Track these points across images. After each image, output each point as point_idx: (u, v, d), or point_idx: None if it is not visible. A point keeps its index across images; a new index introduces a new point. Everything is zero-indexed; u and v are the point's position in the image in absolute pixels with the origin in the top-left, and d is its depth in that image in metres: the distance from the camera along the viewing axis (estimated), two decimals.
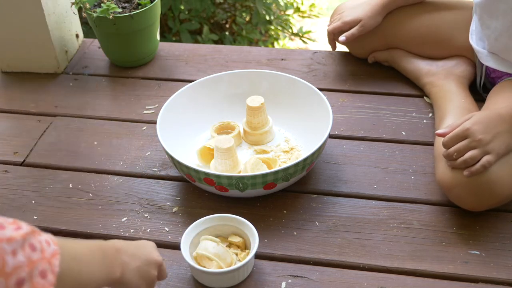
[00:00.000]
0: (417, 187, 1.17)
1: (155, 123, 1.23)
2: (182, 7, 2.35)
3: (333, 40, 1.49)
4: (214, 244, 1.01)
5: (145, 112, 1.42)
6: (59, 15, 1.55)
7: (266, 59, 1.57)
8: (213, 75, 1.34)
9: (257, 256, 1.05)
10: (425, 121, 1.33)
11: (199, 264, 1.01)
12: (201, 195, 1.18)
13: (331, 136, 1.29)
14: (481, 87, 1.34)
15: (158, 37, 1.58)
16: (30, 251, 0.60)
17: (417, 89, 1.42)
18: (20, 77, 1.58)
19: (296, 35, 2.62)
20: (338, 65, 1.53)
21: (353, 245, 1.07)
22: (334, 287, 1.00)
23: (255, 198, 1.16)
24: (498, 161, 1.04)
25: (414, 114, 1.36)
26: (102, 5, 1.48)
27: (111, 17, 1.44)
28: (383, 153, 1.26)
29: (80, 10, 1.59)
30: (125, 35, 1.50)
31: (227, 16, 2.60)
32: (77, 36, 1.65)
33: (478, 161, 1.03)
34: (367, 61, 1.51)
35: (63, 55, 1.58)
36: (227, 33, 2.55)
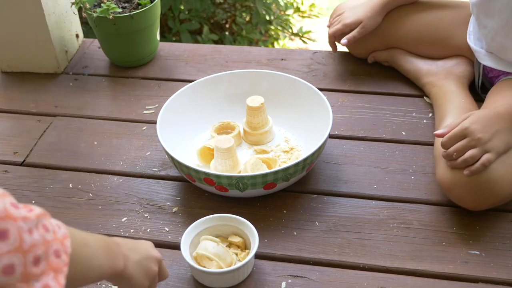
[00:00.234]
0: (417, 187, 1.17)
1: (155, 123, 1.23)
2: (182, 7, 2.35)
3: (334, 42, 1.50)
4: (214, 244, 1.01)
5: (145, 112, 1.42)
6: (59, 15, 1.55)
7: (266, 59, 1.57)
8: (213, 75, 1.34)
9: (257, 256, 1.05)
10: (425, 121, 1.33)
11: (199, 264, 1.01)
12: (201, 195, 1.18)
13: (331, 136, 1.29)
14: (479, 87, 1.34)
15: (158, 37, 1.58)
16: (44, 231, 0.61)
17: (417, 89, 1.42)
18: (20, 77, 1.58)
19: (296, 35, 2.62)
20: (338, 65, 1.53)
21: (353, 245, 1.07)
22: (334, 287, 1.00)
23: (255, 198, 1.16)
24: (497, 160, 1.04)
25: (414, 114, 1.36)
26: (102, 5, 1.48)
27: (111, 17, 1.44)
28: (383, 153, 1.26)
29: (80, 10, 1.59)
30: (125, 35, 1.50)
31: (227, 16, 2.60)
32: (77, 36, 1.65)
33: (478, 160, 1.03)
34: (367, 61, 1.51)
35: (63, 55, 1.58)
36: (227, 33, 2.55)
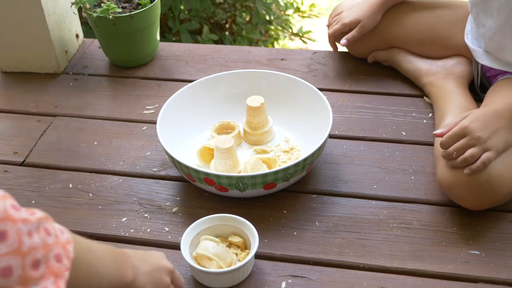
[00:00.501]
0: (417, 187, 1.17)
1: (155, 123, 1.23)
2: (182, 7, 2.35)
3: (334, 42, 1.51)
4: (214, 244, 1.01)
5: (145, 112, 1.42)
6: (59, 15, 1.55)
7: (266, 59, 1.57)
8: (213, 75, 1.34)
9: (257, 256, 1.05)
10: (425, 121, 1.33)
11: (199, 264, 1.01)
12: (201, 195, 1.18)
13: (331, 136, 1.29)
14: (478, 86, 1.34)
15: (158, 37, 1.58)
16: (45, 235, 0.60)
17: (417, 89, 1.42)
18: (20, 77, 1.58)
19: (296, 35, 2.62)
20: (338, 65, 1.53)
21: (353, 245, 1.07)
22: (334, 287, 1.00)
23: (255, 198, 1.16)
24: (497, 159, 1.04)
25: (414, 114, 1.36)
26: (102, 5, 1.48)
27: (111, 17, 1.44)
28: (383, 153, 1.26)
29: (80, 10, 1.59)
30: (125, 35, 1.50)
31: (227, 16, 2.60)
32: (77, 36, 1.65)
33: (477, 159, 1.03)
34: (367, 61, 1.51)
35: (63, 55, 1.58)
36: (227, 33, 2.55)
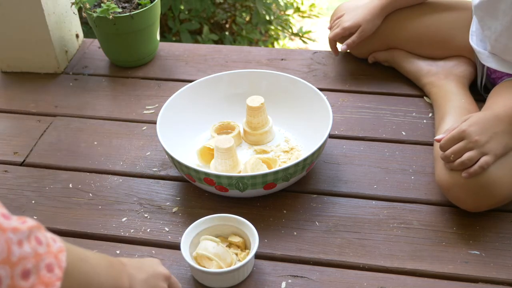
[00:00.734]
0: (417, 187, 1.17)
1: (155, 123, 1.23)
2: (182, 7, 2.35)
3: (335, 46, 1.51)
4: (214, 244, 1.01)
5: (145, 112, 1.42)
6: (59, 15, 1.55)
7: (266, 59, 1.57)
8: (213, 75, 1.34)
9: (257, 256, 1.05)
10: (425, 121, 1.33)
11: (199, 264, 1.01)
12: (201, 195, 1.18)
13: (331, 136, 1.29)
14: (482, 87, 1.34)
15: (158, 37, 1.58)
16: (36, 244, 0.59)
17: (417, 89, 1.42)
18: (20, 77, 1.58)
19: (296, 35, 2.62)
20: (338, 65, 1.53)
21: (353, 245, 1.07)
22: (334, 287, 1.00)
23: (255, 198, 1.16)
24: (496, 162, 1.04)
25: (414, 114, 1.36)
26: (102, 5, 1.48)
27: (111, 17, 1.44)
28: (383, 153, 1.26)
29: (80, 10, 1.59)
30: (125, 35, 1.50)
31: (227, 16, 2.60)
32: (77, 36, 1.65)
33: (476, 162, 1.03)
34: (367, 61, 1.51)
35: (63, 55, 1.58)
36: (227, 33, 2.55)
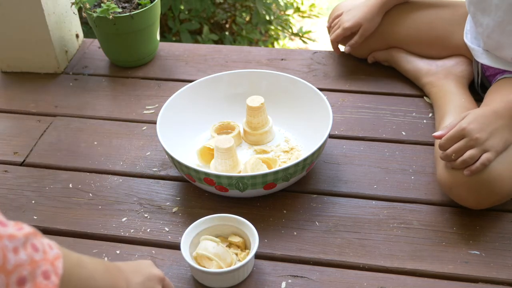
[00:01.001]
0: (417, 187, 1.17)
1: (155, 123, 1.23)
2: (182, 7, 2.35)
3: (337, 47, 1.52)
4: (214, 244, 1.01)
5: (145, 112, 1.42)
6: (59, 15, 1.55)
7: (266, 59, 1.57)
8: (213, 75, 1.34)
9: (257, 256, 1.05)
10: (425, 121, 1.33)
11: (199, 264, 1.01)
12: (201, 195, 1.18)
13: (331, 136, 1.29)
14: (479, 86, 1.35)
15: (158, 37, 1.58)
16: (32, 251, 0.59)
17: (417, 89, 1.42)
18: (20, 77, 1.58)
19: (296, 35, 2.62)
20: (338, 65, 1.53)
21: (353, 245, 1.07)
22: (334, 287, 1.00)
23: (255, 198, 1.16)
24: (497, 159, 1.04)
25: (414, 114, 1.36)
26: (102, 5, 1.48)
27: (111, 17, 1.44)
28: (383, 153, 1.26)
29: (80, 10, 1.59)
30: (125, 35, 1.50)
31: (227, 16, 2.60)
32: (77, 36, 1.65)
33: (477, 160, 1.03)
34: (367, 61, 1.51)
35: (63, 55, 1.58)
36: (227, 33, 2.55)
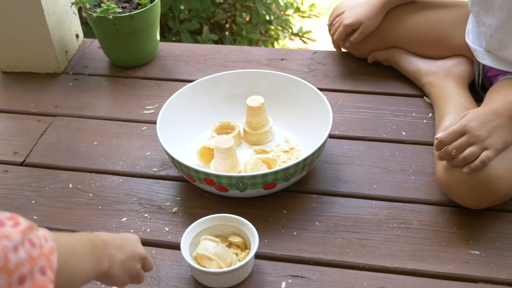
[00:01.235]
0: (417, 187, 1.17)
1: (155, 123, 1.23)
2: (182, 7, 2.35)
3: (339, 47, 1.52)
4: (214, 244, 1.01)
5: (145, 112, 1.42)
6: (59, 15, 1.55)
7: (266, 59, 1.57)
8: (213, 75, 1.34)
9: (257, 256, 1.05)
10: (425, 121, 1.33)
11: (199, 264, 1.01)
12: (201, 195, 1.18)
13: (331, 136, 1.29)
14: (479, 86, 1.35)
15: (158, 37, 1.58)
16: (30, 247, 0.59)
17: (417, 89, 1.42)
18: (20, 77, 1.58)
19: (296, 35, 2.62)
20: (338, 65, 1.53)
21: (353, 245, 1.07)
22: (334, 287, 1.00)
23: (255, 198, 1.16)
24: (496, 158, 1.04)
25: (414, 114, 1.36)
26: (102, 5, 1.48)
27: (111, 17, 1.44)
28: (383, 153, 1.26)
29: (80, 10, 1.59)
30: (125, 35, 1.50)
31: (227, 16, 2.60)
32: (77, 36, 1.65)
33: (476, 158, 1.03)
34: (367, 61, 1.51)
35: (63, 55, 1.58)
36: (227, 33, 2.55)
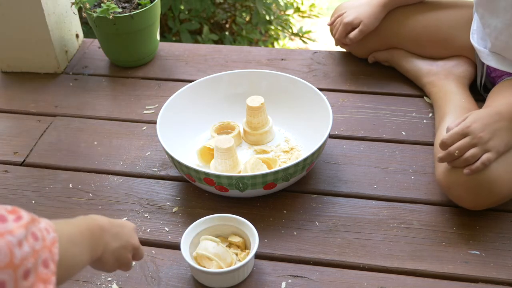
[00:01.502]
0: (417, 187, 1.17)
1: (155, 123, 1.23)
2: (182, 7, 2.35)
3: (343, 43, 1.51)
4: (214, 244, 1.01)
5: (145, 112, 1.42)
6: (59, 15, 1.55)
7: (266, 59, 1.57)
8: (213, 75, 1.34)
9: (257, 256, 1.05)
10: (425, 121, 1.33)
11: (199, 264, 1.01)
12: (201, 195, 1.18)
13: (331, 136, 1.29)
14: (481, 87, 1.35)
15: (158, 37, 1.58)
16: (33, 241, 0.60)
17: (417, 89, 1.42)
18: (20, 77, 1.58)
19: (296, 35, 2.62)
20: (338, 65, 1.53)
21: (353, 245, 1.07)
22: (334, 287, 1.00)
23: (255, 198, 1.16)
24: (497, 160, 1.04)
25: (414, 114, 1.36)
26: (102, 5, 1.48)
27: (111, 17, 1.44)
28: (383, 153, 1.26)
29: (80, 10, 1.59)
30: (125, 35, 1.50)
31: (227, 16, 2.60)
32: (77, 36, 1.65)
33: (478, 159, 1.03)
34: (367, 61, 1.51)
35: (63, 55, 1.58)
36: (227, 33, 2.55)
